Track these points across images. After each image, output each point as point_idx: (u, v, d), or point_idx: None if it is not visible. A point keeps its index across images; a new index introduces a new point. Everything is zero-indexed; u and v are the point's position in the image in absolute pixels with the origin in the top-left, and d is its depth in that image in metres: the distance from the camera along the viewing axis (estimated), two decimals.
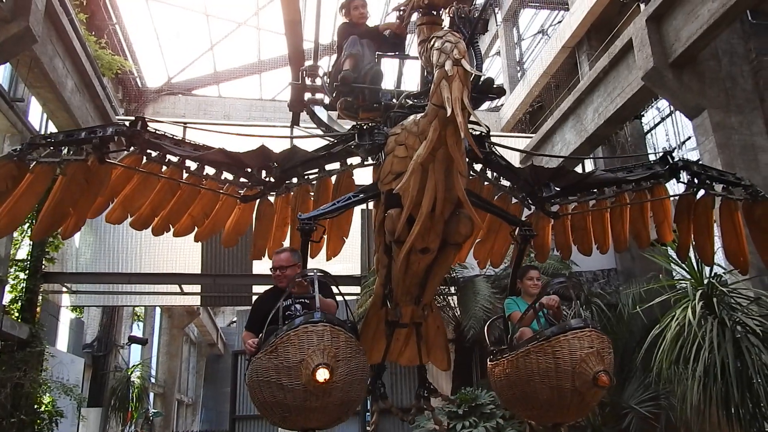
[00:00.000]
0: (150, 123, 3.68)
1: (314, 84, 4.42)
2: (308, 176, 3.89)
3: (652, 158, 4.29)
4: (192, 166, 3.74)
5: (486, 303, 8.18)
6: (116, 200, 3.78)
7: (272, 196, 3.96)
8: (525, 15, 16.32)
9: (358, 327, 3.85)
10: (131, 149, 3.63)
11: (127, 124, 3.61)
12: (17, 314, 9.26)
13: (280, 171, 3.77)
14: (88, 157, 3.46)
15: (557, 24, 14.50)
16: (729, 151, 7.62)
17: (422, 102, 3.47)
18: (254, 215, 4.01)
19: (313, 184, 3.96)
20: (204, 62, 15.78)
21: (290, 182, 3.88)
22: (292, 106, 4.86)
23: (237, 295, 12.77)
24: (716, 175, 4.24)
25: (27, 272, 9.63)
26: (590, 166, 10.93)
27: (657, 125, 10.93)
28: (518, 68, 16.02)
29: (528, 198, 4.14)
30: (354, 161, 3.87)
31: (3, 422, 8.06)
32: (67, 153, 3.55)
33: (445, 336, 4.61)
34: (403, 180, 2.87)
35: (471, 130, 3.36)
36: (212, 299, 14.84)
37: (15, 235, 9.32)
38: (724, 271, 6.64)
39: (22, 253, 9.83)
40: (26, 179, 3.50)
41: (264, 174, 3.81)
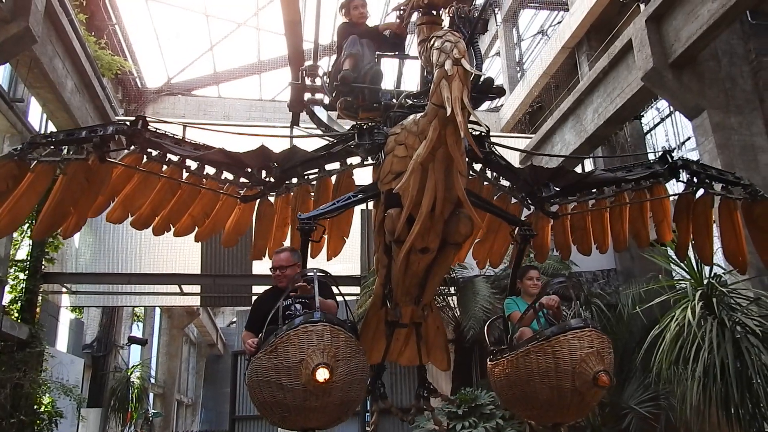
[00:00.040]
0: (150, 122, 3.68)
1: (314, 84, 4.41)
2: (308, 176, 3.89)
3: (652, 158, 4.30)
4: (192, 166, 3.74)
5: (486, 303, 8.17)
6: (117, 200, 3.77)
7: (272, 196, 3.96)
8: (525, 15, 16.34)
9: (358, 327, 3.84)
10: (132, 148, 3.63)
11: (128, 123, 3.62)
12: (17, 315, 9.26)
13: (280, 171, 3.77)
14: (89, 156, 3.47)
15: (557, 24, 14.52)
16: (729, 152, 7.62)
17: (422, 102, 3.47)
18: (254, 215, 4.02)
19: (313, 184, 3.96)
20: (204, 62, 15.82)
21: (290, 182, 3.87)
22: (292, 106, 4.85)
23: (237, 296, 12.75)
24: (715, 175, 4.24)
25: (27, 272, 9.63)
26: (590, 166, 10.97)
27: (657, 126, 10.93)
28: (518, 68, 16.03)
29: (527, 198, 4.13)
30: (354, 161, 3.87)
31: (3, 423, 8.06)
32: (68, 152, 3.55)
33: (445, 336, 4.60)
34: (403, 180, 2.87)
35: (471, 130, 3.35)
36: (212, 299, 14.83)
37: (15, 236, 9.32)
38: (724, 272, 6.64)
39: (22, 254, 9.83)
40: (27, 179, 3.50)
41: (264, 174, 3.80)
